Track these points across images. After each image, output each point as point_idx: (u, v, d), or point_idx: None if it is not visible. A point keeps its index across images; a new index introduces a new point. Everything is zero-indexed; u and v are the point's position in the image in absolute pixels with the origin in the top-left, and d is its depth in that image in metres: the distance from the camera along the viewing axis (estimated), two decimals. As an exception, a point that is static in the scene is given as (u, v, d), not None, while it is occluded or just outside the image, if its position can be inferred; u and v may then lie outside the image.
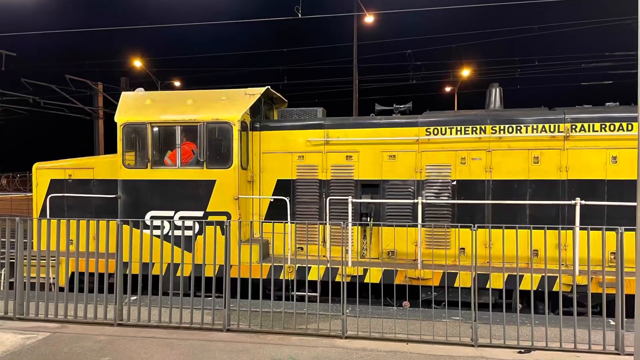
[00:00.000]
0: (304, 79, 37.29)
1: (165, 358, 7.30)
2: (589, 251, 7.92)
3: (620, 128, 10.18)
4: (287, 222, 10.14)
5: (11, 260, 9.46)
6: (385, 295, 10.25)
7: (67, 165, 12.42)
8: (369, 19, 29.06)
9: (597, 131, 10.29)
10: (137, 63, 36.12)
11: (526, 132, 10.54)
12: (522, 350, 7.45)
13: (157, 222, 10.35)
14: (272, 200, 11.53)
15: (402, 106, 11.74)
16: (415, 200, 10.61)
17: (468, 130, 10.77)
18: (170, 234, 9.02)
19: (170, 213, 11.07)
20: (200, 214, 10.98)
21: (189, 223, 9.53)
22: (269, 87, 12.01)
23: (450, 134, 10.83)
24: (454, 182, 10.84)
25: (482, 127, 10.73)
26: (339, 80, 34.37)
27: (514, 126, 10.60)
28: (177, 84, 38.56)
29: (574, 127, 10.38)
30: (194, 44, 71.42)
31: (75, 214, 11.74)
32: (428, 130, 10.91)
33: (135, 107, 11.62)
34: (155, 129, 11.40)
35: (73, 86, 26.67)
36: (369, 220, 10.96)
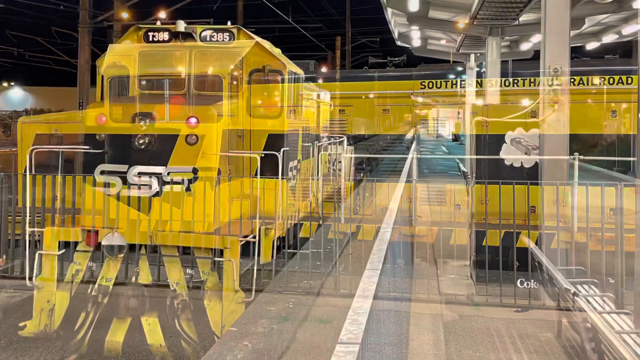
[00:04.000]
0: (295, 31, 36.59)
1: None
2: (588, 208, 7.75)
3: (620, 81, 9.94)
4: (278, 178, 9.94)
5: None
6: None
7: (53, 120, 12.08)
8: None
9: (596, 84, 10.04)
10: (125, 15, 35.30)
11: (523, 85, 10.28)
12: (519, 309, 7.34)
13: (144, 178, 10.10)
14: (262, 155, 11.27)
15: (396, 59, 11.45)
16: (410, 155, 10.39)
17: (464, 84, 10.50)
18: (158, 190, 8.77)
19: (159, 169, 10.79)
20: (188, 169, 10.70)
21: (177, 179, 9.29)
22: (260, 39, 11.63)
23: (446, 87, 10.56)
24: (450, 137, 10.61)
25: (478, 80, 10.45)
26: (331, 32, 33.80)
27: (511, 79, 10.33)
28: (162, 15, 37.33)
29: (572, 80, 10.11)
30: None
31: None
32: (423, 83, 10.64)
33: (122, 60, 11.23)
34: (143, 82, 11.04)
35: (59, 38, 26.12)
36: (362, 175, 10.75)
